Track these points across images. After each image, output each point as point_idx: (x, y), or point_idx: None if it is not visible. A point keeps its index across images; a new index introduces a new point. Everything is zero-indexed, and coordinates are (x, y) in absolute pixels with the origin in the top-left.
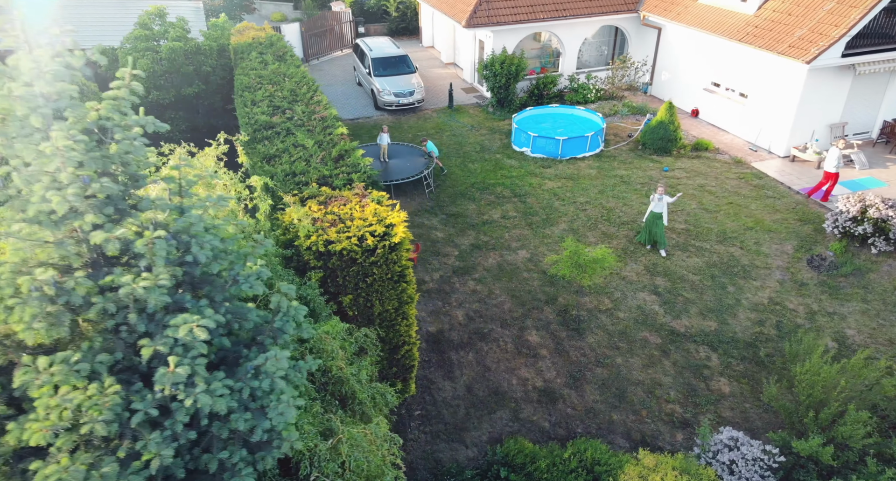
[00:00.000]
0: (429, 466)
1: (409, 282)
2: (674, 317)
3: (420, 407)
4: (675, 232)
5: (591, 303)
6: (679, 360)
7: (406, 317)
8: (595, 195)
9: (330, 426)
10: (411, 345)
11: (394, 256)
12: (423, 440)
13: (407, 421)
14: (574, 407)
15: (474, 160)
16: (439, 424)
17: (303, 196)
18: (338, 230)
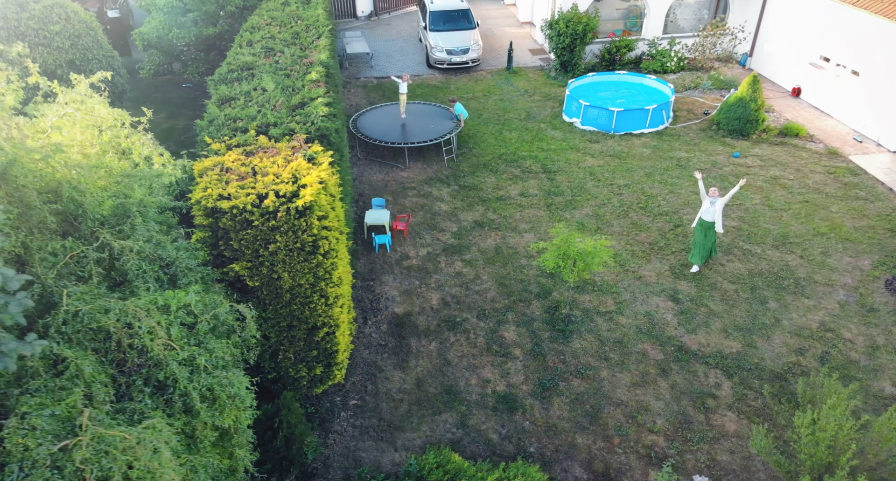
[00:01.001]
0: (344, 464)
1: (328, 256)
2: (688, 330)
3: (359, 396)
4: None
5: (590, 302)
6: (679, 383)
7: (325, 296)
8: (639, 178)
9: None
10: (333, 328)
11: (302, 222)
12: (350, 434)
13: (338, 410)
14: (534, 422)
15: (513, 129)
16: (374, 419)
17: (230, 143)
18: (242, 185)
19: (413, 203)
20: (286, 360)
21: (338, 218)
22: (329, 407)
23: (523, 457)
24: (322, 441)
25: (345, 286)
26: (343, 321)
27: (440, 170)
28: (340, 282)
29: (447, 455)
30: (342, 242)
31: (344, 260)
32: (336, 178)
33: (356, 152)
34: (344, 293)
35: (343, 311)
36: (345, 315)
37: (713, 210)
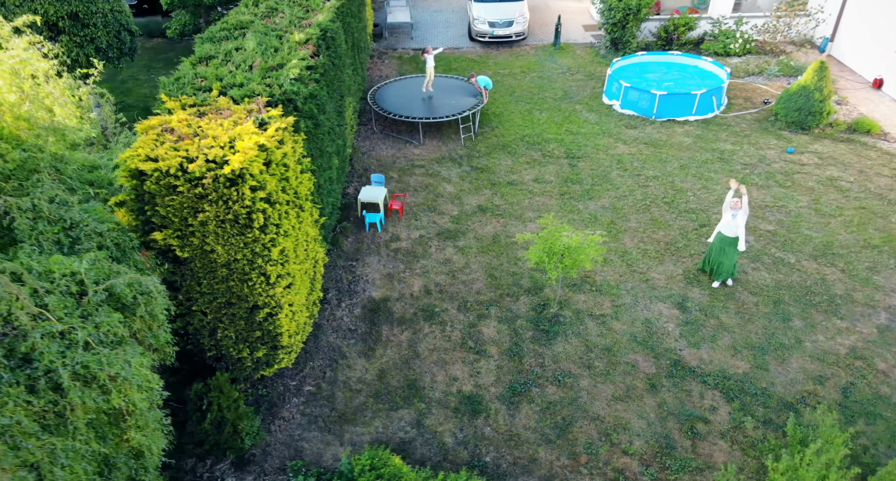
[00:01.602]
0: (284, 454)
1: (266, 231)
2: (690, 343)
3: (316, 382)
4: (755, 232)
5: (584, 302)
6: (668, 402)
7: (265, 274)
8: (672, 170)
9: None
10: (276, 309)
11: (233, 192)
12: (297, 422)
13: (290, 395)
14: (496, 428)
15: (545, 109)
16: (326, 408)
17: (185, 103)
18: (176, 147)
19: (418, 182)
20: (226, 339)
21: (293, 190)
22: (282, 392)
23: (477, 467)
24: (266, 427)
25: (297, 265)
26: (291, 302)
27: (455, 148)
28: (285, 260)
29: (385, 457)
30: (303, 219)
31: (298, 236)
32: (299, 148)
33: (372, 125)
34: (294, 272)
35: (292, 293)
36: (295, 296)
37: (735, 224)
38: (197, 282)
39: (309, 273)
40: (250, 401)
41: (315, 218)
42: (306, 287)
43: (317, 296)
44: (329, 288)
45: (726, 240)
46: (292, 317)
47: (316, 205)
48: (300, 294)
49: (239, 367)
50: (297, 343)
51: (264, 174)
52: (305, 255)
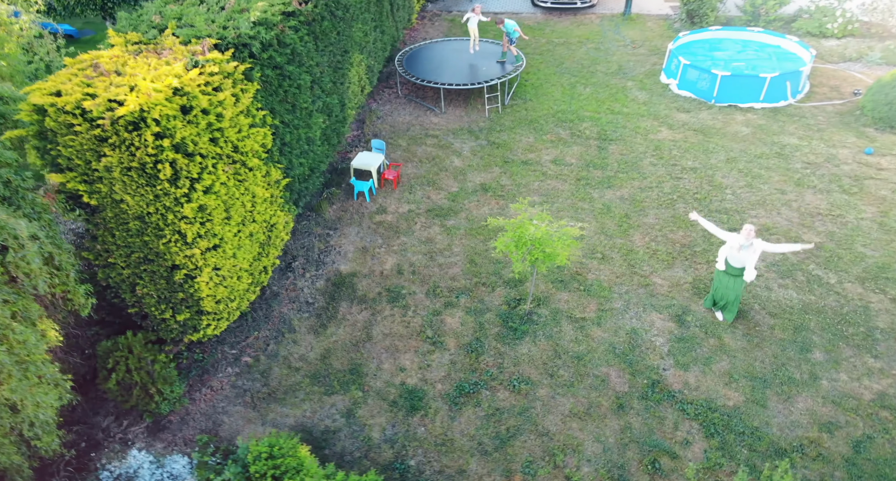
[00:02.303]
0: (201, 425)
1: (179, 185)
2: (678, 363)
3: (255, 354)
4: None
5: (567, 302)
6: (635, 427)
7: (180, 232)
8: (716, 163)
9: None
10: (196, 272)
11: (135, 138)
12: (224, 393)
13: (226, 364)
14: (431, 430)
15: (592, 84)
16: (258, 383)
17: (130, 39)
18: (89, 83)
19: (426, 153)
20: (148, 297)
21: (230, 145)
22: (218, 359)
23: (398, 470)
24: (192, 394)
25: (232, 227)
26: (219, 266)
27: (477, 120)
28: (206, 219)
29: (288, 447)
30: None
31: (237, 195)
32: (247, 98)
33: (398, 89)
34: (224, 234)
35: (219, 256)
36: (226, 261)
37: (743, 257)
38: (110, 233)
39: (257, 237)
40: (183, 366)
41: (275, 178)
42: (251, 252)
43: (269, 262)
44: (298, 255)
45: (732, 270)
46: (221, 282)
47: (277, 164)
48: (238, 259)
49: (164, 329)
50: (230, 310)
51: (176, 121)
52: (250, 217)
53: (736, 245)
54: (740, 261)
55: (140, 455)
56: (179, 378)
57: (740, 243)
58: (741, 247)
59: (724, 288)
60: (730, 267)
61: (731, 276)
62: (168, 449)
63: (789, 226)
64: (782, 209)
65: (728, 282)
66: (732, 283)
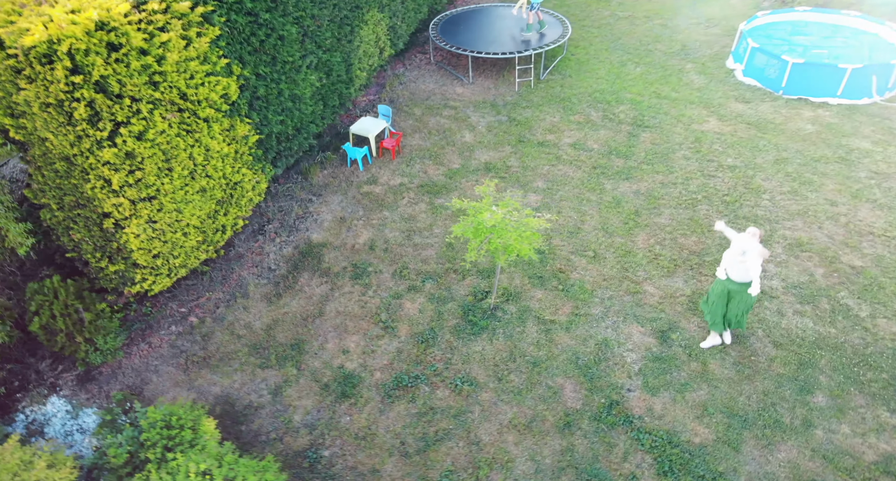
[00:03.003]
0: (130, 381)
1: (100, 127)
2: (647, 386)
3: (203, 315)
4: (832, 264)
5: (540, 300)
6: (578, 450)
7: (105, 178)
8: (762, 163)
9: None
10: (125, 221)
11: (47, 72)
12: (161, 351)
13: (171, 322)
14: (355, 420)
15: (645, 63)
16: (197, 346)
17: None
18: (18, 10)
19: (438, 124)
20: (84, 243)
21: (175, 91)
22: (165, 316)
23: (308, 458)
24: (129, 348)
25: (173, 180)
26: (155, 219)
27: (504, 94)
28: (136, 167)
29: (191, 418)
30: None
31: (183, 146)
32: (204, 43)
33: (430, 56)
34: (161, 186)
35: (154, 208)
36: (164, 215)
37: (748, 266)
38: (40, 173)
39: (212, 193)
40: (130, 318)
41: (241, 134)
42: (203, 208)
43: (229, 222)
44: (273, 219)
45: (734, 286)
46: (158, 236)
47: (245, 119)
48: (185, 214)
49: (104, 278)
50: (172, 267)
51: (95, 57)
52: (201, 171)
53: (738, 249)
54: (743, 271)
55: (59, 402)
56: (121, 330)
57: (742, 247)
58: (744, 252)
59: (729, 302)
60: (730, 282)
61: (734, 292)
62: (89, 401)
63: (828, 244)
64: (826, 223)
65: (730, 298)
66: (738, 298)
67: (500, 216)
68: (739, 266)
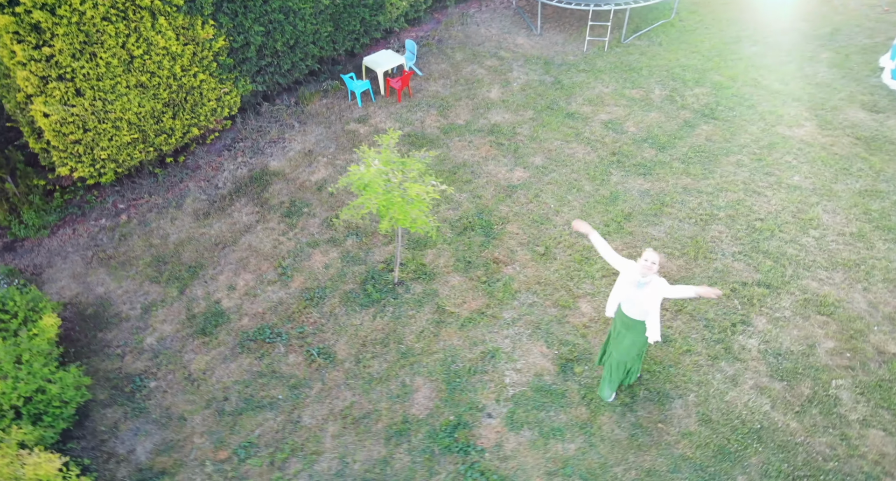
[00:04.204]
0: (35, 261)
1: None
2: (511, 418)
3: (134, 215)
4: (841, 331)
5: (453, 287)
6: (394, 464)
7: (11, 49)
8: (839, 191)
9: None
10: (34, 98)
11: None
12: (78, 240)
13: (104, 215)
14: (195, 361)
15: (763, 43)
16: (109, 244)
17: None
18: None
19: (471, 74)
20: (17, 115)
21: None
22: (102, 208)
23: (134, 385)
24: (56, 230)
25: (98, 69)
26: (71, 103)
27: (569, 52)
28: (42, 42)
29: (30, 308)
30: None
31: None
32: None
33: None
34: (81, 70)
35: (68, 91)
36: (79, 99)
37: (640, 299)
38: None
39: (156, 93)
40: (75, 203)
41: (203, 37)
42: (142, 106)
43: (179, 128)
44: (248, 137)
45: (628, 320)
46: (73, 121)
47: (210, 21)
48: (116, 107)
49: (44, 156)
50: (97, 158)
51: None
52: (140, 66)
53: (630, 279)
54: (637, 305)
55: None
56: (56, 211)
57: (636, 278)
58: (638, 283)
59: (622, 343)
60: (621, 314)
61: (627, 327)
62: None
63: (862, 314)
64: (878, 286)
65: (622, 337)
66: (629, 338)
67: (373, 173)
68: (632, 297)
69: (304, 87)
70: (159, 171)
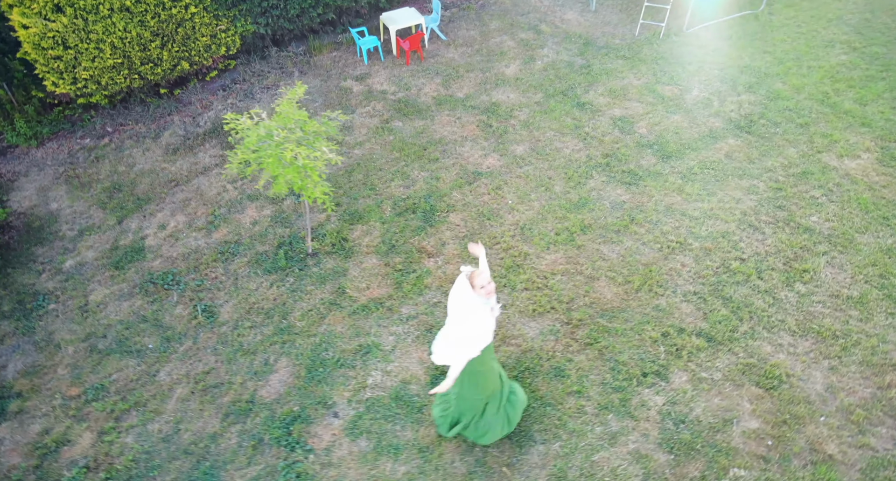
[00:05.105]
0: (16, 169)
1: None
2: (355, 425)
3: (118, 140)
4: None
5: (364, 270)
6: (211, 449)
7: None
8: (862, 244)
9: None
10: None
11: None
12: (57, 156)
13: (91, 134)
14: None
15: (861, 52)
16: (83, 164)
17: None
18: None
19: (497, 45)
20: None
21: None
22: (91, 128)
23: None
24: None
25: None
26: (50, 17)
27: (618, 36)
28: None
29: None
30: None
31: None
32: None
33: None
34: None
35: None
36: (59, 16)
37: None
38: None
39: (145, 20)
40: (72, 118)
41: None
42: (128, 30)
43: (168, 60)
44: (248, 80)
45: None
46: (53, 36)
47: None
48: (98, 28)
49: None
50: (79, 76)
51: None
52: None
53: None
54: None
55: None
56: (51, 124)
57: (490, 306)
58: (494, 311)
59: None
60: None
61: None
62: None
63: (813, 397)
64: (852, 367)
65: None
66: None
67: (255, 127)
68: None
69: (316, 38)
70: (152, 101)
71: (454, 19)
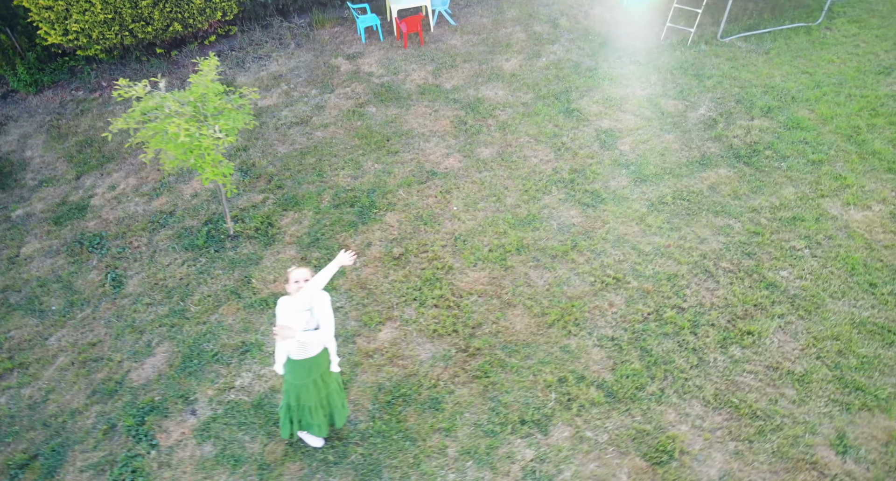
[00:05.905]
0: (12, 113)
1: None
2: (206, 429)
3: (103, 96)
4: None
5: (278, 261)
6: (100, 415)
7: None
8: (834, 315)
9: None
10: None
11: None
12: (51, 104)
13: (87, 88)
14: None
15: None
16: (67, 114)
17: None
18: None
19: (505, 36)
20: None
21: None
22: (89, 81)
23: None
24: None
25: None
26: None
27: (643, 37)
28: None
29: None
30: None
31: None
32: None
33: None
34: None
35: None
36: None
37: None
38: None
39: None
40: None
41: None
42: None
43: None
44: (243, 49)
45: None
46: None
47: None
48: None
49: None
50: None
51: None
52: None
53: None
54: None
55: None
56: (52, 73)
57: (301, 307)
58: (309, 310)
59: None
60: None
61: (308, 368)
62: None
63: None
64: (760, 457)
65: (312, 387)
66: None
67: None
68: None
69: (322, 11)
70: (152, 60)
71: (470, 4)
